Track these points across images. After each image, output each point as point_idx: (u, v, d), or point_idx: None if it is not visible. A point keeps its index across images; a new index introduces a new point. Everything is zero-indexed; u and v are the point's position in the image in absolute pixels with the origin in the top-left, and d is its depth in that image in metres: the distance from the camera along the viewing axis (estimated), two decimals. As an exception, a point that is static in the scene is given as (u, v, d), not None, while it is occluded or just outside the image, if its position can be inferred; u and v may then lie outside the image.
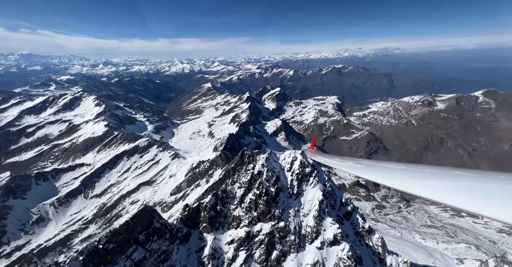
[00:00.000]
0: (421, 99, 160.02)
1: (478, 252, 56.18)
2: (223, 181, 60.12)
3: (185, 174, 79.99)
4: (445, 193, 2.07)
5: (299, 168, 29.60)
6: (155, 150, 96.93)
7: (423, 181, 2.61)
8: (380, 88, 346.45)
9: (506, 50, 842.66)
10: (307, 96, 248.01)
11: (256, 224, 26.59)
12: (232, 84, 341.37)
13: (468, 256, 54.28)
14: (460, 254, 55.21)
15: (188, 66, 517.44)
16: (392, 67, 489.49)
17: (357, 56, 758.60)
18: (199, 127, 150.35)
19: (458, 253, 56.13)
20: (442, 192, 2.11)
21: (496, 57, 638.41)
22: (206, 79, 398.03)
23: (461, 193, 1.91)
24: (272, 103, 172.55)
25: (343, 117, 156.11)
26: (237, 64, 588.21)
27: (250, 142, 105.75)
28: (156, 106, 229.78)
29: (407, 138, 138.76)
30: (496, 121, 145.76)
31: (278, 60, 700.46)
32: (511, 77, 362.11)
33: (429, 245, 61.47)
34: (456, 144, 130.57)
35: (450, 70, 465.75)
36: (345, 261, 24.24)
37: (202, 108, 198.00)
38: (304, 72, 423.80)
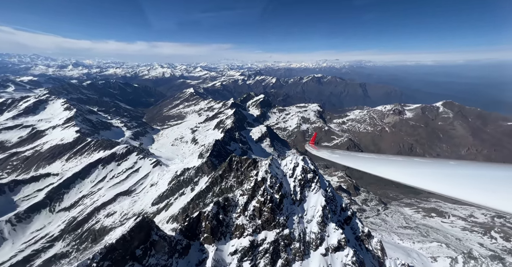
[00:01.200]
0: (392, 108, 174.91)
1: (448, 250, 61.25)
2: (210, 188, 58.58)
3: (168, 182, 76.05)
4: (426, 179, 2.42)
5: (301, 173, 29.45)
6: (135, 157, 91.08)
7: (420, 172, 2.85)
8: (356, 97, 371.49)
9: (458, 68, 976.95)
10: (290, 103, 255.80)
11: (260, 232, 25.65)
12: (215, 90, 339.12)
13: (440, 254, 58.79)
14: (434, 253, 59.59)
15: (169, 70, 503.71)
16: (366, 78, 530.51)
17: (334, 67, 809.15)
18: (181, 133, 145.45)
19: (431, 251, 60.53)
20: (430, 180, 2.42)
21: (451, 73, 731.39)
22: (188, 84, 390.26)
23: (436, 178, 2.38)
24: (256, 110, 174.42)
25: (324, 124, 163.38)
26: (220, 70, 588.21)
27: (236, 148, 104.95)
28: (134, 111, 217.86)
29: (382, 144, 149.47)
30: (454, 129, 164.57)
31: (260, 67, 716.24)
32: (463, 90, 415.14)
33: (406, 245, 65.53)
34: (424, 150, 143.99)
35: (414, 82, 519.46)
36: (349, 266, 24.26)
37: (185, 114, 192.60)
38: (286, 80, 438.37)
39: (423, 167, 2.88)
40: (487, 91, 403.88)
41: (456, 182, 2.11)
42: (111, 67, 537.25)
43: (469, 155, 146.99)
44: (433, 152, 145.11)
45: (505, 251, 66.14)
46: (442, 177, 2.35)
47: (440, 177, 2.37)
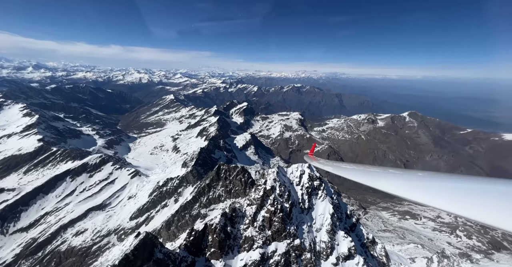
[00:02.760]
0: (366, 117, 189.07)
1: (424, 250, 65.94)
2: (197, 199, 56.21)
3: (149, 193, 70.95)
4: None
5: (308, 181, 28.94)
6: (110, 168, 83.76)
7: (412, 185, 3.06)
8: (333, 106, 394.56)
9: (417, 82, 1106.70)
10: (271, 111, 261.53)
11: (270, 244, 24.33)
12: (197, 97, 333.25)
13: (417, 254, 62.89)
14: (411, 254, 63.51)
15: (147, 76, 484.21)
16: (341, 89, 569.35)
17: (312, 78, 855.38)
18: (161, 141, 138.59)
19: (409, 253, 64.50)
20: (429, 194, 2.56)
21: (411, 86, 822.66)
22: (168, 91, 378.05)
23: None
24: (239, 118, 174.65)
25: (306, 132, 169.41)
26: (201, 78, 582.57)
27: (221, 156, 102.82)
28: (108, 118, 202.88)
29: (359, 151, 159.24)
30: (418, 137, 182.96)
31: (242, 76, 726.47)
32: (423, 102, 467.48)
33: (387, 248, 69.11)
34: (395, 156, 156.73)
35: (383, 94, 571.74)
36: None
37: (164, 121, 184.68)
38: (267, 89, 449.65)
39: (414, 179, 3.18)
40: (442, 104, 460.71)
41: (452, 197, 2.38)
42: (80, 70, 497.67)
43: (432, 161, 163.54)
44: (403, 158, 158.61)
45: (469, 248, 73.43)
46: (435, 190, 2.65)
47: (433, 190, 2.69)
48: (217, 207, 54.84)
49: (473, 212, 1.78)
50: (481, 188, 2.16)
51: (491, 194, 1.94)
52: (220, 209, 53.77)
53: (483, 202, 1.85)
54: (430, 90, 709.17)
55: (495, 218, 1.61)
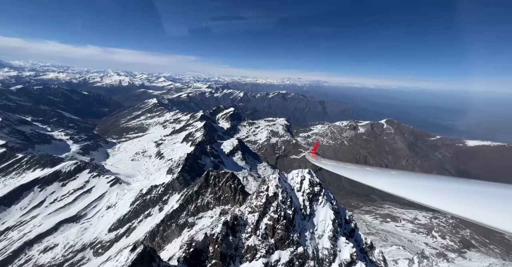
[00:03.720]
0: (348, 124, 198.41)
1: (405, 252, 69.17)
2: (184, 207, 54.10)
3: (130, 202, 66.57)
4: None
5: (308, 187, 28.83)
6: (87, 175, 77.53)
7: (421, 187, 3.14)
8: (317, 113, 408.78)
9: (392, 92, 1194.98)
10: (258, 117, 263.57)
11: (274, 252, 23.65)
12: (181, 101, 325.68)
13: (399, 256, 65.69)
14: (394, 256, 66.14)
15: (127, 79, 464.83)
16: (324, 96, 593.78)
17: (296, 85, 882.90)
18: (143, 147, 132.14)
19: (392, 255, 67.11)
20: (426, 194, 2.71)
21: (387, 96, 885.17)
22: (150, 94, 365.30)
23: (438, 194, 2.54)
24: (226, 123, 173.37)
25: (292, 138, 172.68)
26: (186, 82, 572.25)
27: (207, 162, 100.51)
28: (83, 122, 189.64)
29: (342, 157, 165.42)
30: (395, 143, 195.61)
31: (227, 81, 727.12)
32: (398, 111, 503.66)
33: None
34: (375, 161, 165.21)
35: (362, 102, 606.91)
36: None
37: (147, 126, 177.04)
38: (253, 95, 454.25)
39: (409, 179, 3.40)
40: (414, 113, 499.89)
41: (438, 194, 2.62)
42: (51, 71, 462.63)
43: (408, 165, 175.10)
44: (382, 163, 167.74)
45: (444, 248, 78.62)
46: (424, 189, 2.92)
47: (422, 188, 2.96)
48: (206, 215, 53.08)
49: (468, 211, 1.91)
50: (475, 189, 2.27)
51: (486, 196, 2.08)
52: (209, 217, 52.12)
53: (478, 203, 2.01)
54: (404, 100, 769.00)
55: (489, 218, 1.74)
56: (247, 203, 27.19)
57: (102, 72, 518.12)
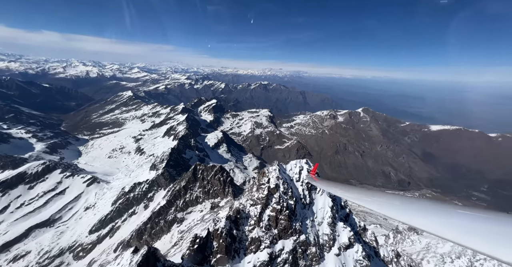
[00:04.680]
0: (328, 113, 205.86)
1: (382, 229, 76.32)
2: (172, 202, 52.84)
3: (112, 201, 63.07)
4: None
5: (307, 175, 29.27)
6: (58, 176, 71.11)
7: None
8: (298, 103, 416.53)
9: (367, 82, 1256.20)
10: (240, 108, 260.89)
11: (277, 242, 24.16)
12: (159, 94, 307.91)
13: (377, 233, 71.99)
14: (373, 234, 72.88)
15: (96, 69, 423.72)
16: (304, 86, 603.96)
17: (277, 75, 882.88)
18: (121, 142, 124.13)
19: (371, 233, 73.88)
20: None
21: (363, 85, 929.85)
22: (124, 86, 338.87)
23: None
24: (209, 115, 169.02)
25: (276, 129, 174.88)
26: (163, 73, 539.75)
27: (192, 156, 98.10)
28: (46, 117, 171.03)
29: (323, 145, 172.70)
30: (371, 130, 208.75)
31: (207, 72, 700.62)
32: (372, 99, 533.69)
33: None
34: (354, 148, 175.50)
35: (340, 92, 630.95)
36: (361, 262, 25.10)
37: (123, 120, 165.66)
38: (235, 86, 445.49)
39: (402, 201, 3.52)
40: (386, 101, 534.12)
41: None
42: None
43: (382, 150, 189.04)
44: (360, 150, 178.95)
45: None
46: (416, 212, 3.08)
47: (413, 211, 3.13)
48: (195, 209, 52.50)
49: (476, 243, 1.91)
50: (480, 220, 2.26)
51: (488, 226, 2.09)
52: (199, 211, 51.67)
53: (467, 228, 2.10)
54: (377, 89, 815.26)
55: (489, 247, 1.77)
56: (248, 195, 27.09)
57: (65, 62, 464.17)
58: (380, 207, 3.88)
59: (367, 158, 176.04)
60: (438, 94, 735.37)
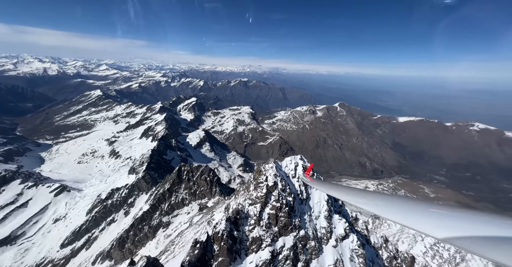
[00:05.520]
0: (308, 109, 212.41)
1: (361, 216, 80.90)
2: (157, 206, 50.37)
3: (87, 210, 57.91)
4: None
5: (303, 172, 29.18)
6: (18, 187, 63.01)
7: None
8: (278, 100, 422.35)
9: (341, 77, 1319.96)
10: (221, 106, 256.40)
11: (278, 240, 24.20)
12: (133, 92, 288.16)
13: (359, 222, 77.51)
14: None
15: (55, 66, 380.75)
16: (283, 83, 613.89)
17: (257, 72, 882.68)
18: (92, 146, 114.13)
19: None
20: None
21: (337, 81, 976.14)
22: (91, 85, 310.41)
23: None
24: (189, 114, 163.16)
25: (258, 125, 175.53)
26: (135, 70, 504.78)
27: (174, 156, 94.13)
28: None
29: (305, 139, 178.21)
30: (347, 124, 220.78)
31: (184, 69, 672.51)
32: (347, 94, 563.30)
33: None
34: (333, 141, 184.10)
35: (317, 88, 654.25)
36: (357, 251, 26.02)
37: (93, 122, 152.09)
38: (214, 83, 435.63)
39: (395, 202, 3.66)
40: (359, 96, 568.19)
41: None
42: None
43: (358, 142, 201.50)
44: (338, 143, 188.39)
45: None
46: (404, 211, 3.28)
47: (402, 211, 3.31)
48: (182, 212, 50.67)
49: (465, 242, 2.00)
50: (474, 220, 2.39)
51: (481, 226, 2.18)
52: (185, 213, 49.99)
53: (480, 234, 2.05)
54: (350, 84, 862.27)
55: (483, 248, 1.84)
56: (246, 195, 26.58)
57: (15, 57, 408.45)
58: (378, 209, 3.89)
59: (345, 150, 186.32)
60: (404, 89, 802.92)
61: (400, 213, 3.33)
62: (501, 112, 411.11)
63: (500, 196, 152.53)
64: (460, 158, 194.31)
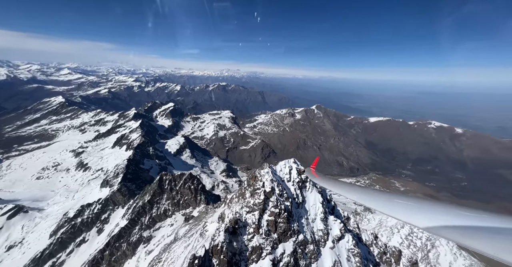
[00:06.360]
0: (287, 111, 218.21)
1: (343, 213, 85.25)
2: (136, 221, 46.53)
3: (51, 232, 50.88)
4: None
5: (297, 176, 29.43)
6: (-41, 212, 52.91)
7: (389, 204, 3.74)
8: (257, 103, 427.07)
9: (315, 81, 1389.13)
10: (200, 111, 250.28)
11: (278, 247, 23.39)
12: (102, 98, 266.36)
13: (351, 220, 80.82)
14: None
15: (4, 70, 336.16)
16: (262, 87, 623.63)
17: (235, 76, 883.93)
18: (54, 159, 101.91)
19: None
20: None
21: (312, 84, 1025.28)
22: (50, 91, 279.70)
23: None
24: (167, 120, 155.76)
25: (239, 129, 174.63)
26: (103, 75, 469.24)
27: (152, 165, 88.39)
28: None
29: (285, 142, 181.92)
30: (324, 125, 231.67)
31: (159, 74, 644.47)
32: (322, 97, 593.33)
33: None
34: (312, 142, 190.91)
35: (294, 91, 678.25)
36: (353, 250, 26.20)
37: (54, 132, 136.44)
38: (192, 88, 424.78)
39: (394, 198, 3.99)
40: (332, 98, 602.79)
41: None
42: None
43: (335, 142, 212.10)
44: (317, 144, 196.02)
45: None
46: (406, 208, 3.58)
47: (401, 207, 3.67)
48: (164, 224, 47.43)
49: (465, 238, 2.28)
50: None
51: None
52: (168, 226, 46.92)
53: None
54: (324, 87, 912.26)
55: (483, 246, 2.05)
56: (242, 203, 25.49)
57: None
58: (380, 206, 4.04)
59: (324, 150, 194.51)
60: (372, 92, 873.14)
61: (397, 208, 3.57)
62: (449, 111, 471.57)
63: (455, 185, 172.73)
64: (422, 153, 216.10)
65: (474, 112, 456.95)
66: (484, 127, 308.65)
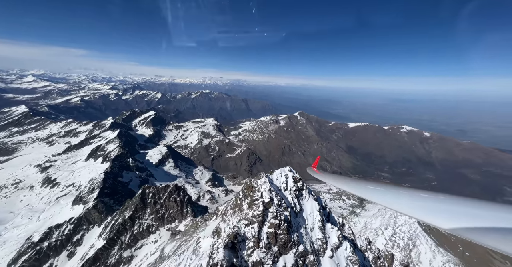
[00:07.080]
0: (271, 118, 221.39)
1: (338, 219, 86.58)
2: (115, 240, 42.52)
3: (9, 261, 44.09)
4: None
5: (293, 184, 28.95)
6: None
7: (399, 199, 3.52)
8: (241, 111, 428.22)
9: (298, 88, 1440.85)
10: (183, 119, 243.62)
11: (278, 260, 22.23)
12: (73, 107, 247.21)
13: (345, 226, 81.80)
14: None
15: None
16: (245, 94, 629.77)
17: (218, 84, 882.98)
18: (14, 175, 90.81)
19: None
20: None
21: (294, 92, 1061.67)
22: (11, 100, 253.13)
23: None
24: (147, 129, 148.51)
25: (224, 137, 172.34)
26: (75, 82, 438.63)
27: (132, 178, 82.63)
28: None
29: (271, 148, 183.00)
30: (307, 131, 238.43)
31: (138, 81, 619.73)
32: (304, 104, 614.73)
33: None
34: (297, 148, 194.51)
35: (277, 98, 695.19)
36: (351, 258, 25.81)
37: (15, 146, 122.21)
38: (174, 96, 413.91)
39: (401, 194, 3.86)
40: (313, 105, 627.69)
41: None
42: None
43: (318, 148, 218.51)
44: (301, 150, 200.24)
45: (351, 206, 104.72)
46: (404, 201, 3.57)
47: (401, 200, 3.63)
48: (147, 241, 43.89)
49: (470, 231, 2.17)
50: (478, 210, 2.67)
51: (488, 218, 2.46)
52: (152, 243, 43.50)
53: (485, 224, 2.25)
54: (306, 95, 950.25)
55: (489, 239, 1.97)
56: (240, 215, 24.19)
57: None
58: (384, 200, 3.91)
59: (308, 155, 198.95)
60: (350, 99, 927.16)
61: (400, 203, 3.40)
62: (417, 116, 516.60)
63: (426, 185, 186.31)
64: (397, 155, 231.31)
65: (438, 118, 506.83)
66: (447, 130, 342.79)
